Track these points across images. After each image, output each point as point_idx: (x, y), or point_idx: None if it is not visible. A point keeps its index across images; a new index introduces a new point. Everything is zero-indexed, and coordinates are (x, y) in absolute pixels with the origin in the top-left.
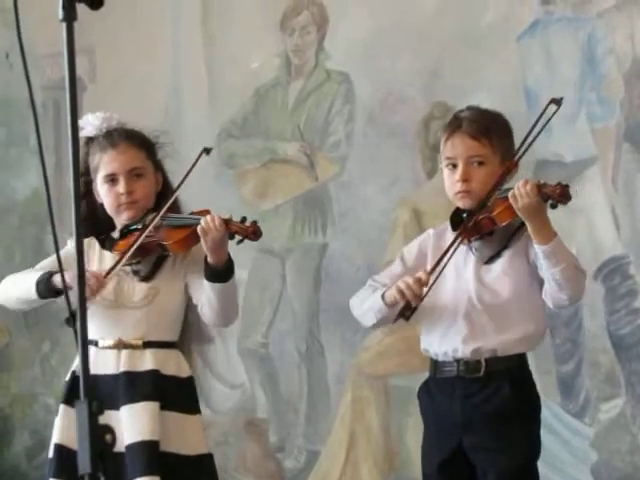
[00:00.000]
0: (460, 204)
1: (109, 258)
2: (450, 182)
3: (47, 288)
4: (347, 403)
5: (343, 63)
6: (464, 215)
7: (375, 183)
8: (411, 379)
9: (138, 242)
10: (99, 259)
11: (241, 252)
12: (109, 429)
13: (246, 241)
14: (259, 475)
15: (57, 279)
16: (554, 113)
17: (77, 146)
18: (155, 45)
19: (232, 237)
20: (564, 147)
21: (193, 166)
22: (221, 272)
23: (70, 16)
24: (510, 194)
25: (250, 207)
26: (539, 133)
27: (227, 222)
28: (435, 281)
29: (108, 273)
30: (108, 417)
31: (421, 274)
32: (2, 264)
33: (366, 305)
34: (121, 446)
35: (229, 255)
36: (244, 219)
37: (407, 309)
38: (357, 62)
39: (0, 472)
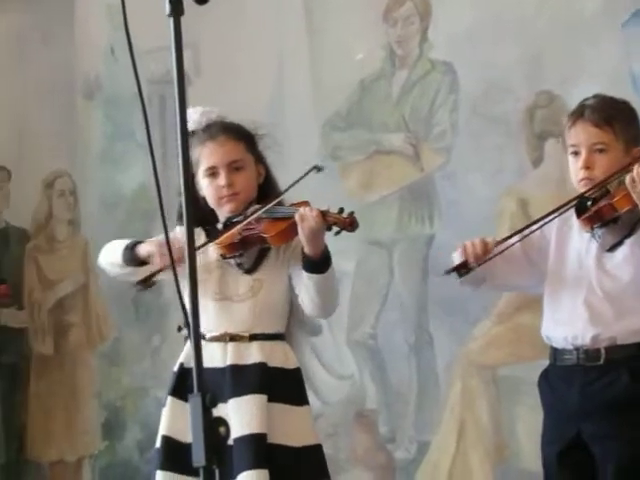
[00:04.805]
0: (582, 191)
1: (212, 249)
2: (574, 169)
3: (130, 256)
4: (457, 393)
5: (446, 53)
6: (589, 203)
7: (480, 173)
8: (521, 369)
9: (248, 220)
10: (203, 250)
11: (348, 244)
12: (223, 422)
13: (350, 233)
14: (370, 466)
15: (140, 249)
16: None
17: (186, 138)
18: (259, 38)
19: (329, 228)
20: None
21: (301, 178)
22: (318, 263)
23: (177, 11)
24: (627, 178)
25: (355, 199)
26: None
27: (324, 213)
28: (497, 255)
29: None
30: (216, 410)
31: (490, 239)
32: None
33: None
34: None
35: (326, 247)
36: (341, 210)
37: (463, 267)
38: (460, 52)
39: (112, 465)
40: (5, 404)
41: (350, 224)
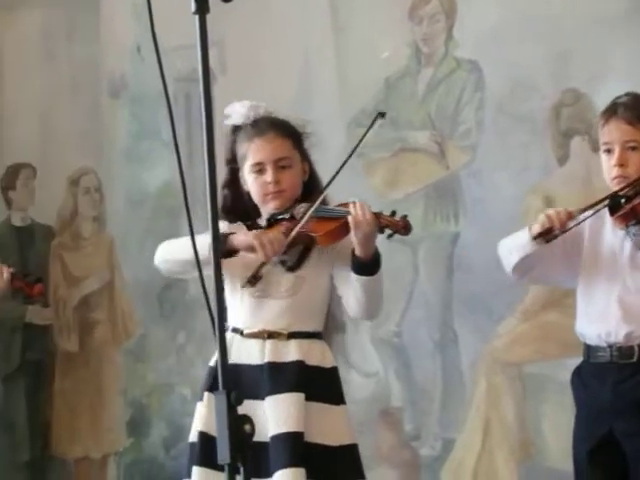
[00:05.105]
0: (616, 189)
1: None
2: (607, 167)
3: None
4: (482, 391)
5: (472, 51)
6: (622, 201)
7: (506, 171)
8: (547, 366)
9: (304, 220)
10: None
11: None
12: (248, 419)
13: (403, 236)
14: (395, 463)
15: (235, 241)
16: None
17: (212, 136)
18: (285, 36)
19: (382, 231)
20: None
21: (369, 129)
22: (368, 265)
23: (202, 9)
24: None
25: (380, 196)
26: None
27: (377, 215)
28: (580, 223)
29: (287, 235)
30: (253, 407)
31: (573, 208)
32: (134, 256)
33: (512, 242)
34: (266, 436)
35: (377, 248)
36: (394, 213)
37: (548, 233)
38: (486, 50)
39: (137, 462)
40: (30, 401)
41: (404, 227)
